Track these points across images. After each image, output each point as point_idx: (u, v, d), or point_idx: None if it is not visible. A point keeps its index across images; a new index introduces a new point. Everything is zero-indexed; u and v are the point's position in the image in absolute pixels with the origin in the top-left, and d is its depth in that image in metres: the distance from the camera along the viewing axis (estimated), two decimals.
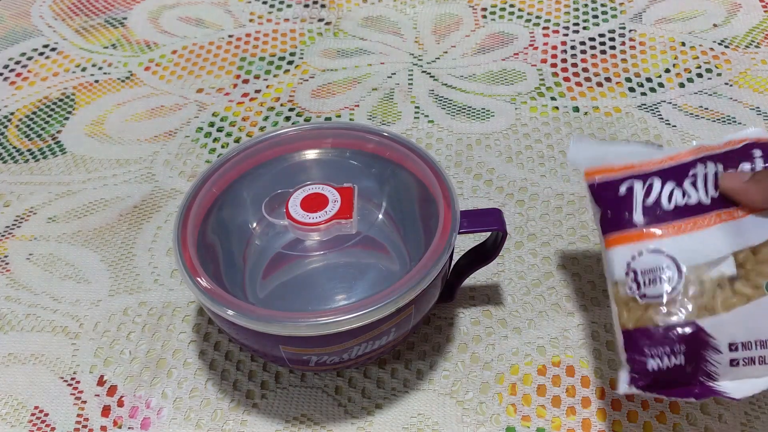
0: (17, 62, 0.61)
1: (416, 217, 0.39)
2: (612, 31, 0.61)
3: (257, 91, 0.57)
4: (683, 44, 0.59)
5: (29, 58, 0.62)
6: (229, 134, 0.54)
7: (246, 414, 0.38)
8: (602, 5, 0.64)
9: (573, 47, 0.60)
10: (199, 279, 0.33)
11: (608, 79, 0.57)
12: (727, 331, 0.30)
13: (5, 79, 0.60)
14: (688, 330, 0.30)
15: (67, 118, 0.56)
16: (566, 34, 0.61)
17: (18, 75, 0.60)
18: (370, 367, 0.39)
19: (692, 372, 0.30)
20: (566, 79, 0.57)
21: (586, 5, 0.64)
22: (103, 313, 0.43)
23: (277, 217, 0.38)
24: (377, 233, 0.40)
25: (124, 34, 0.64)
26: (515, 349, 0.40)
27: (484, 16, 0.64)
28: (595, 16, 0.63)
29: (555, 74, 0.57)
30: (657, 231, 0.32)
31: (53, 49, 0.62)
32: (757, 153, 0.33)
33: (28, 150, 0.54)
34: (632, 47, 0.59)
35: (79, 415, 0.38)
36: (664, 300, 0.31)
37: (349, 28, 0.63)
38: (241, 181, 0.40)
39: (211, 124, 0.55)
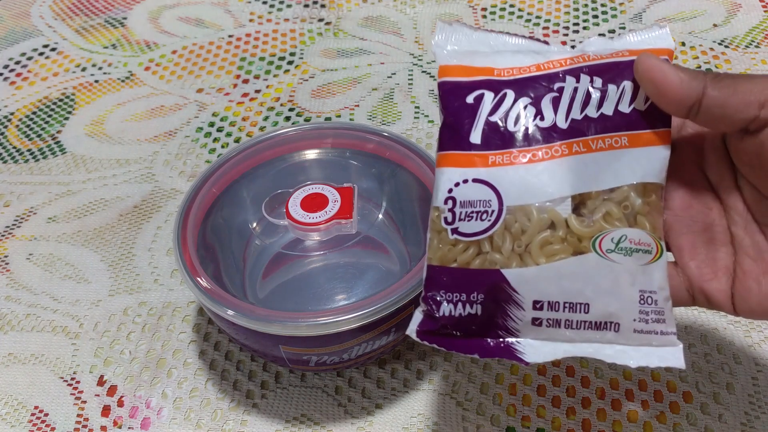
0: (17, 62, 0.61)
1: (416, 217, 0.39)
2: (612, 31, 0.61)
3: (257, 91, 0.57)
4: (683, 44, 0.59)
5: (29, 58, 0.62)
6: (229, 134, 0.54)
7: (246, 414, 0.38)
8: (602, 5, 0.64)
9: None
10: (199, 279, 0.33)
11: None
12: (537, 287, 0.26)
13: (5, 79, 0.60)
14: (492, 279, 0.26)
15: (67, 118, 0.56)
16: (566, 34, 0.61)
17: (18, 75, 0.60)
18: (370, 367, 0.39)
19: (488, 325, 0.27)
20: None
21: (586, 5, 0.64)
22: (103, 313, 0.43)
23: (277, 217, 0.38)
24: (377, 233, 0.40)
25: (124, 34, 0.64)
26: None
27: (484, 16, 0.64)
28: (595, 16, 0.63)
29: None
30: (490, 158, 0.27)
31: (53, 49, 0.62)
32: None
33: (28, 150, 0.54)
34: None
35: (79, 415, 0.38)
36: (475, 239, 0.27)
37: (349, 28, 0.63)
38: (241, 181, 0.40)
39: (211, 124, 0.55)
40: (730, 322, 0.40)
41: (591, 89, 0.27)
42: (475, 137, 0.28)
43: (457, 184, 0.27)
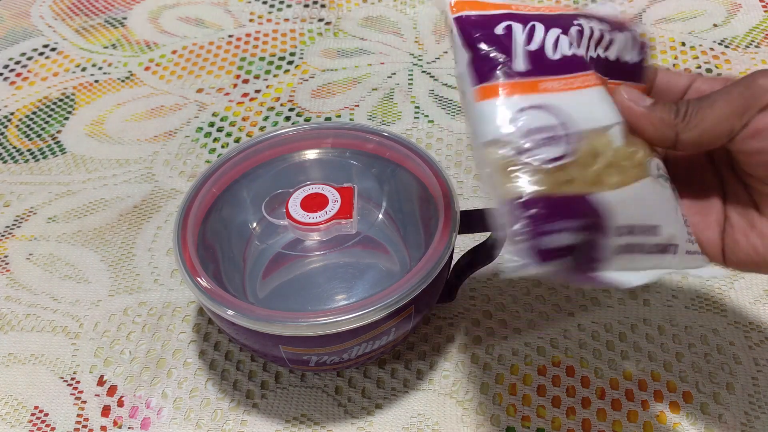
0: (17, 62, 0.61)
1: (416, 217, 0.39)
2: None
3: (257, 91, 0.57)
4: (683, 44, 0.59)
5: (29, 58, 0.62)
6: (229, 134, 0.54)
7: (246, 414, 0.38)
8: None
9: None
10: (199, 279, 0.33)
11: None
12: (618, 211, 0.25)
13: (5, 79, 0.60)
14: (583, 204, 0.25)
15: (67, 118, 0.56)
16: None
17: (18, 75, 0.60)
18: (370, 367, 0.39)
19: (580, 258, 0.25)
20: None
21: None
22: (103, 313, 0.43)
23: (277, 217, 0.38)
24: (377, 233, 0.40)
25: (124, 34, 0.64)
26: (515, 349, 0.40)
27: None
28: None
29: None
30: (541, 84, 0.26)
31: (53, 49, 0.62)
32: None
33: (28, 150, 0.54)
34: None
35: (79, 415, 0.38)
36: (556, 166, 0.25)
37: (349, 28, 0.63)
38: (241, 181, 0.40)
39: (211, 124, 0.55)
40: (730, 323, 0.40)
41: (603, 32, 0.28)
42: (519, 65, 0.26)
43: (520, 111, 0.25)
